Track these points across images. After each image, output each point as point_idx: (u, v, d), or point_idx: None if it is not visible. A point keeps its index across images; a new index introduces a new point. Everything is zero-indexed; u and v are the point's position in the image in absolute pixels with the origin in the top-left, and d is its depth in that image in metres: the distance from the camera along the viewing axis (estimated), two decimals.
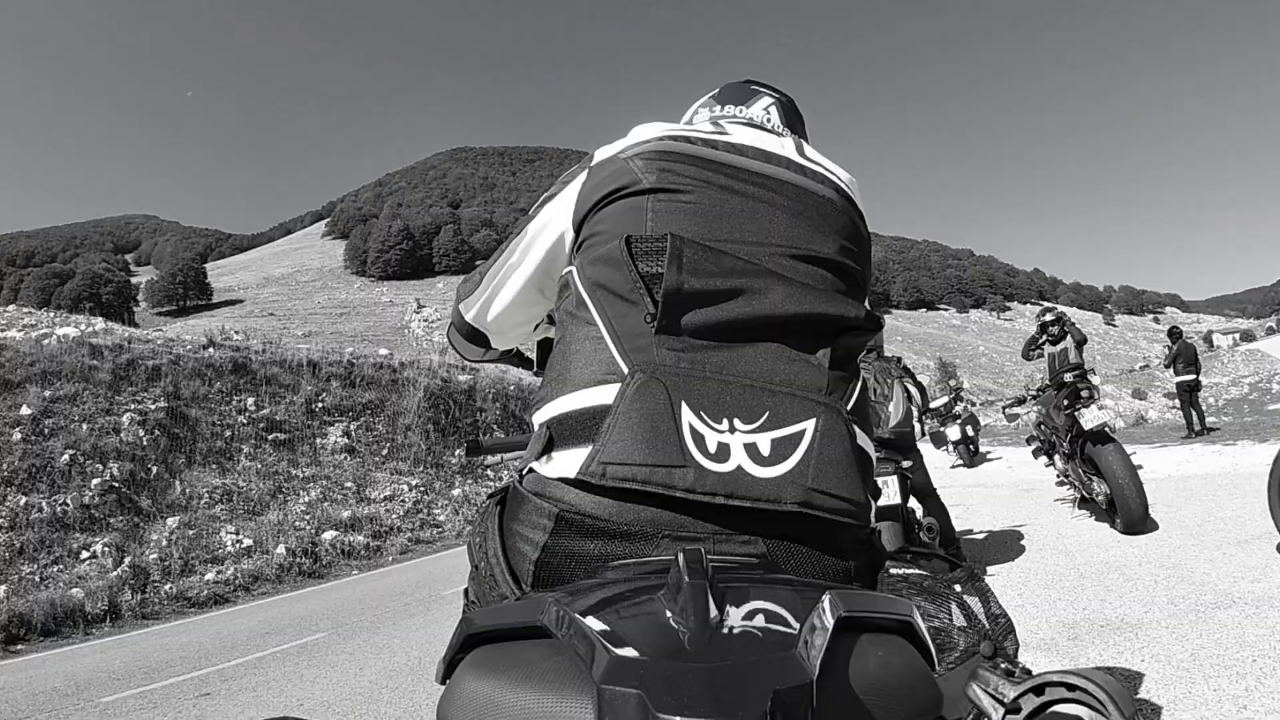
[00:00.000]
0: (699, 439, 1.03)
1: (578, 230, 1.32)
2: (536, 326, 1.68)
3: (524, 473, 1.21)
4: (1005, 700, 0.84)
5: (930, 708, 0.76)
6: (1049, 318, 10.13)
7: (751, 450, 1.04)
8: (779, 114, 1.59)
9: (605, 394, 1.09)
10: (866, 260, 1.35)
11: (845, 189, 1.35)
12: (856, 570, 1.12)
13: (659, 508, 1.04)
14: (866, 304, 1.35)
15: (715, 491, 1.01)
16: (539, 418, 1.19)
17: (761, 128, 1.48)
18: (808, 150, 1.40)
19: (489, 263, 1.54)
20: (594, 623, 0.70)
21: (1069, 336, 9.75)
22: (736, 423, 1.05)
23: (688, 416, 1.04)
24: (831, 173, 1.36)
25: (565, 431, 1.12)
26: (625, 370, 1.09)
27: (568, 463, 1.08)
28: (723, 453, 1.03)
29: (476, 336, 1.68)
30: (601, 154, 1.34)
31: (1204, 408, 17.17)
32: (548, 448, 1.14)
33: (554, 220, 1.38)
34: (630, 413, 1.05)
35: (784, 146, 1.36)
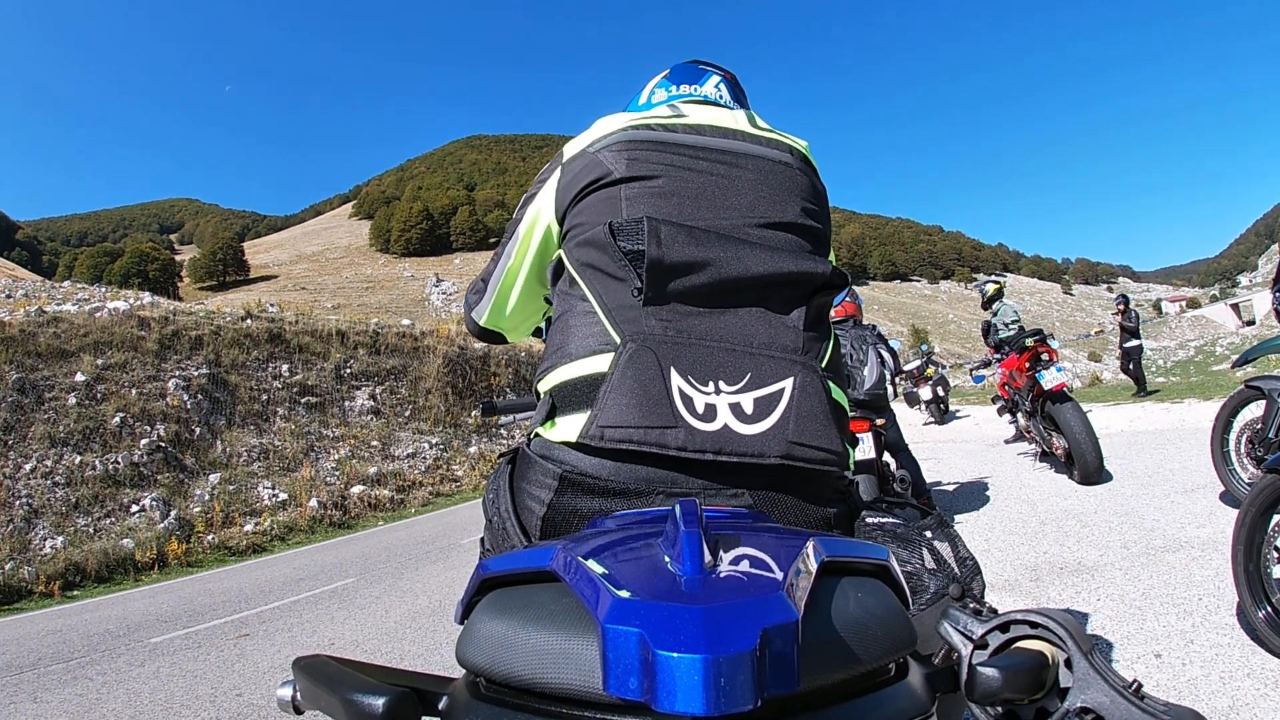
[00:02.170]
0: (688, 401, 1.04)
1: (561, 222, 1.32)
2: (545, 313, 1.67)
3: (531, 436, 1.21)
4: (974, 637, 0.85)
5: (905, 644, 0.76)
6: (990, 290, 10.16)
7: (736, 409, 1.04)
8: (727, 90, 1.58)
9: (600, 363, 1.10)
10: (826, 217, 1.35)
11: (800, 150, 1.36)
12: (836, 518, 1.14)
13: (653, 466, 1.05)
14: (832, 258, 1.37)
15: (704, 449, 1.02)
16: (543, 386, 1.20)
17: (715, 104, 1.50)
18: (759, 121, 1.40)
19: (489, 269, 1.55)
20: (598, 568, 0.71)
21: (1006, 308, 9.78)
22: (721, 384, 1.06)
23: (676, 381, 1.05)
24: (784, 137, 1.37)
25: (566, 398, 1.12)
26: (618, 340, 1.09)
27: (569, 428, 1.09)
28: (710, 413, 1.04)
29: (492, 335, 1.68)
30: (571, 149, 1.34)
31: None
32: (551, 414, 1.15)
33: (539, 217, 1.38)
34: (624, 379, 1.05)
35: (737, 120, 1.36)
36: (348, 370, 20.50)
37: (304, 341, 20.31)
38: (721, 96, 1.54)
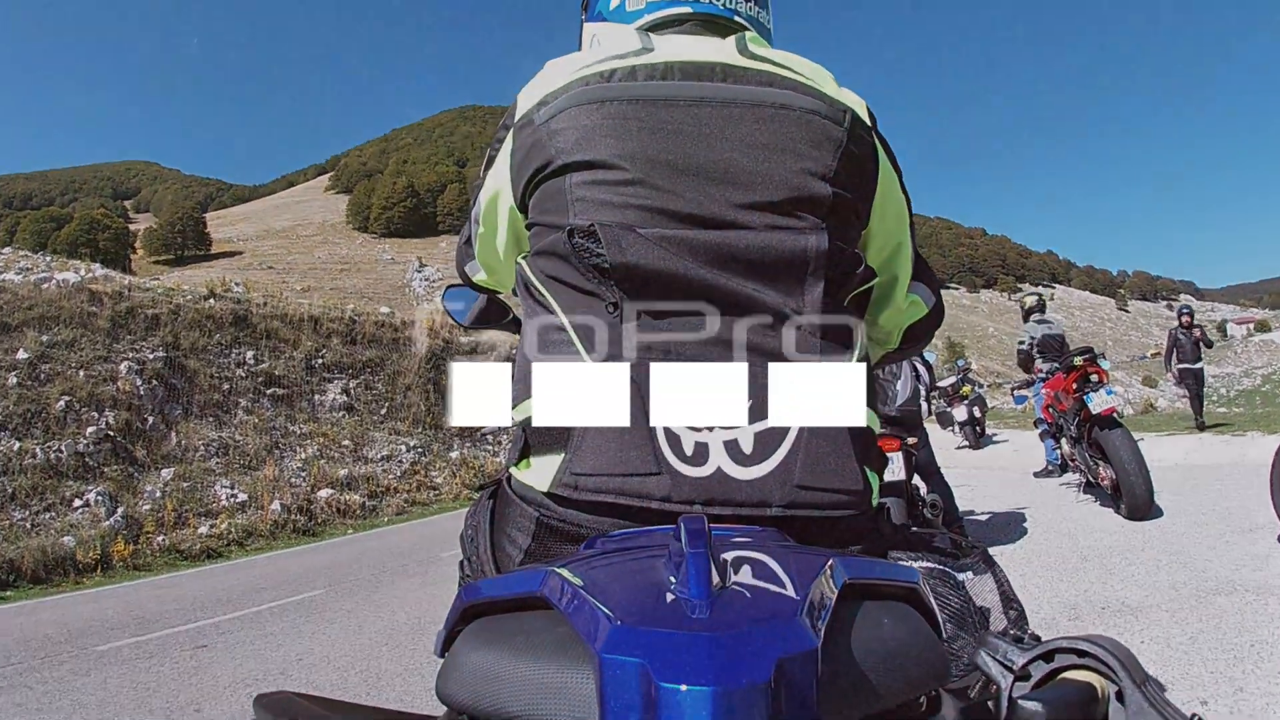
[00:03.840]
0: (674, 440, 0.97)
1: (523, 210, 1.21)
2: None
3: (508, 475, 1.14)
4: (1014, 667, 0.84)
5: (937, 675, 0.74)
6: (1029, 302, 10.28)
7: (732, 448, 0.96)
8: None
9: None
10: (849, 172, 1.12)
11: (809, 84, 1.13)
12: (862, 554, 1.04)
13: (635, 519, 0.97)
14: (872, 227, 1.21)
15: (693, 500, 0.94)
16: (516, 415, 1.11)
17: (705, 12, 1.29)
18: (753, 46, 1.18)
19: (467, 230, 1.47)
20: (595, 593, 0.69)
21: (1050, 323, 9.89)
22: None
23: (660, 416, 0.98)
24: (784, 67, 1.15)
25: (539, 434, 1.04)
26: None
27: (543, 471, 1.02)
28: (700, 454, 0.96)
29: (492, 291, 1.66)
30: (522, 105, 1.19)
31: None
32: (525, 452, 1.08)
33: (499, 197, 1.27)
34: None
35: (722, 50, 1.16)
36: (319, 361, 20.58)
37: (272, 327, 20.37)
38: None
